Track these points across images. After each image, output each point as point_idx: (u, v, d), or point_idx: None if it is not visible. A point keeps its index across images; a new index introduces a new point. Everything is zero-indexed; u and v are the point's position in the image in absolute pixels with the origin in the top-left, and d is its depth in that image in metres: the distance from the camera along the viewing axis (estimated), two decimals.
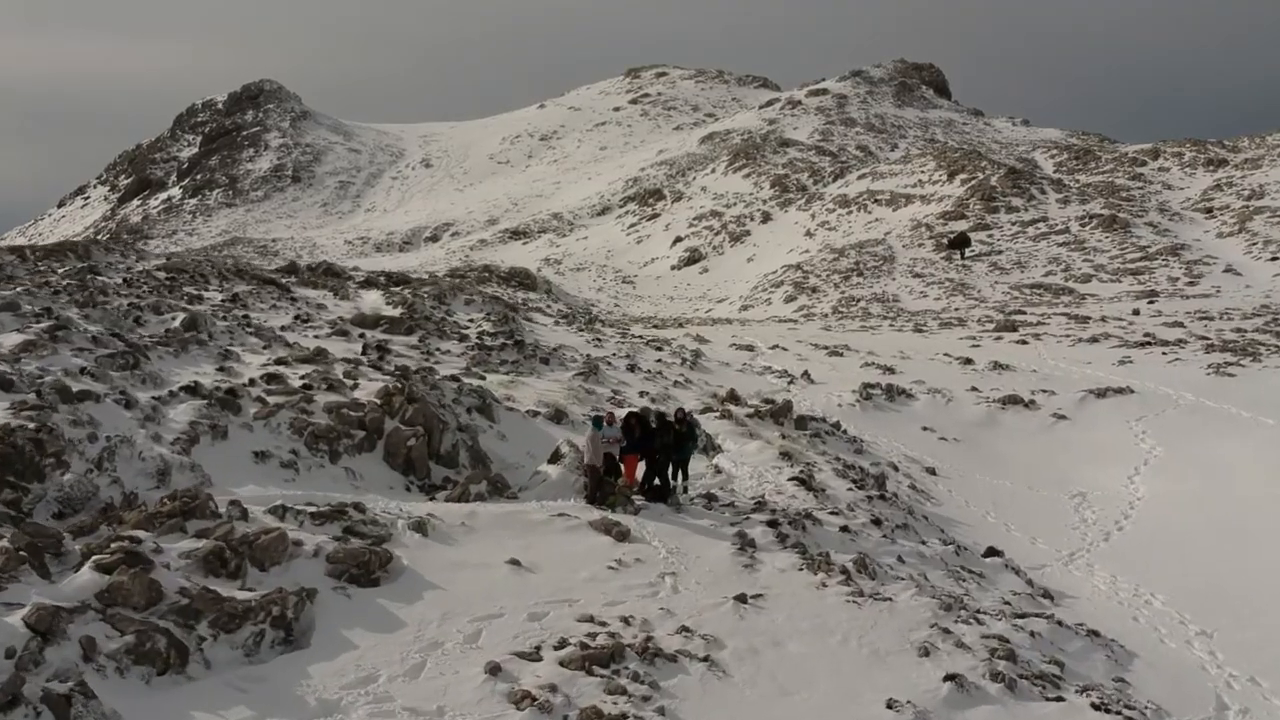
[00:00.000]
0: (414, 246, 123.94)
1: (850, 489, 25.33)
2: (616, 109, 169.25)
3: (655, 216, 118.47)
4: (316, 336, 30.69)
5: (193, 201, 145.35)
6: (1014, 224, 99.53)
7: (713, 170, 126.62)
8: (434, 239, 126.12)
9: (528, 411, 26.56)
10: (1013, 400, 38.53)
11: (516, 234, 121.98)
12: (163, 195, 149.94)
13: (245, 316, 31.10)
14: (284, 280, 38.40)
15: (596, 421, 20.85)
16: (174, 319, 26.80)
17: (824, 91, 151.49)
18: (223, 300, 32.96)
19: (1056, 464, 33.90)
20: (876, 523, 22.59)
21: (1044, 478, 32.57)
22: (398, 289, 41.07)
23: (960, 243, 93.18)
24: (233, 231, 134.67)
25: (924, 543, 22.74)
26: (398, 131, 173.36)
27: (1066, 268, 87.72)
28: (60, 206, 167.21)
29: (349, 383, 22.47)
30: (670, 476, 22.09)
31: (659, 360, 40.46)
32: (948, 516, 27.41)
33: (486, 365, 31.31)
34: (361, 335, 31.79)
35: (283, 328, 31.13)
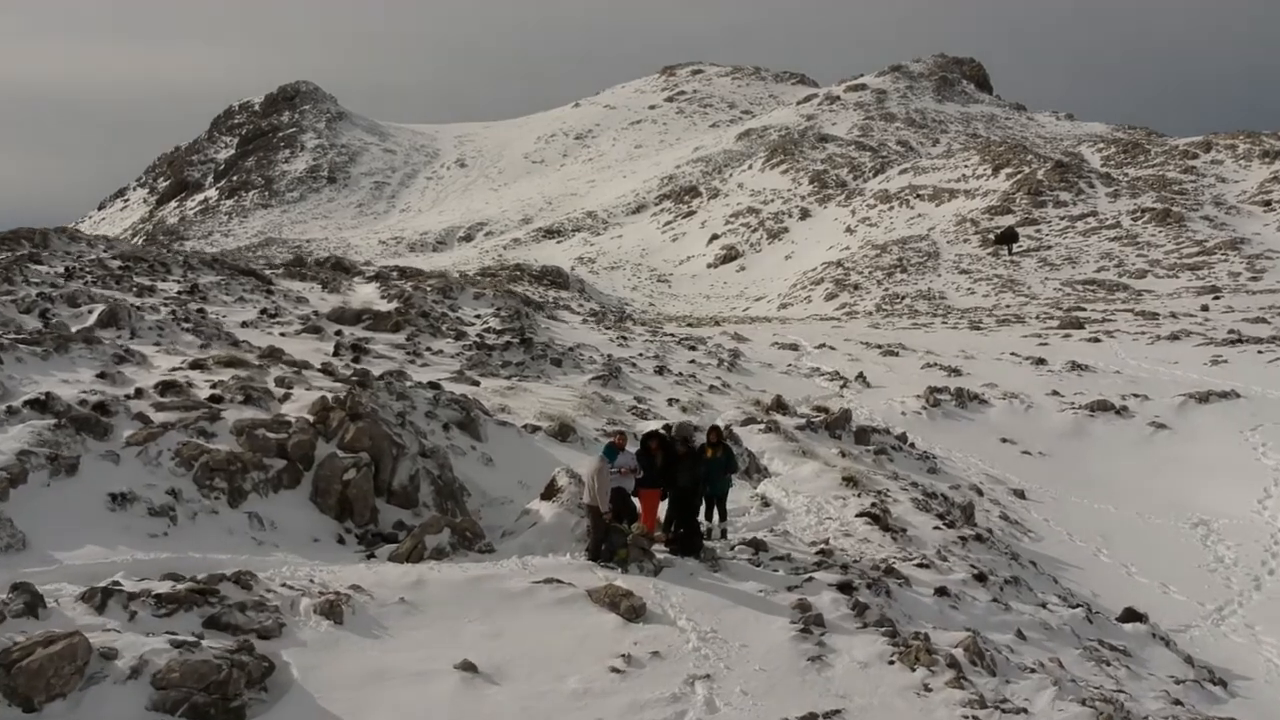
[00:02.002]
0: (447, 246, 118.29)
1: (937, 526, 19.07)
2: (652, 107, 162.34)
3: (691, 214, 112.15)
4: (283, 334, 24.90)
5: (229, 203, 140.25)
6: (1063, 219, 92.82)
7: (750, 167, 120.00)
8: (468, 238, 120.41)
9: (525, 426, 20.50)
10: (1102, 406, 32.05)
11: (550, 233, 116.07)
12: (199, 197, 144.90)
13: (199, 310, 25.34)
14: (265, 272, 32.59)
15: (608, 450, 14.78)
16: (91, 312, 20.99)
17: (863, 87, 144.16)
18: (179, 292, 27.21)
19: (1164, 483, 27.52)
20: (980, 578, 16.33)
21: (1153, 501, 26.21)
22: (399, 282, 35.14)
23: (1008, 238, 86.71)
24: (268, 232, 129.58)
25: (1044, 605, 16.45)
26: (432, 132, 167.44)
27: (1120, 263, 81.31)
28: (100, 209, 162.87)
29: (279, 392, 16.46)
30: (704, 516, 16.00)
31: (692, 361, 34.27)
32: (1053, 557, 21.11)
33: (484, 368, 25.39)
34: (338, 333, 25.97)
35: (244, 324, 25.36)
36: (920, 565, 16.31)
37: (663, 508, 15.64)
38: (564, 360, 28.69)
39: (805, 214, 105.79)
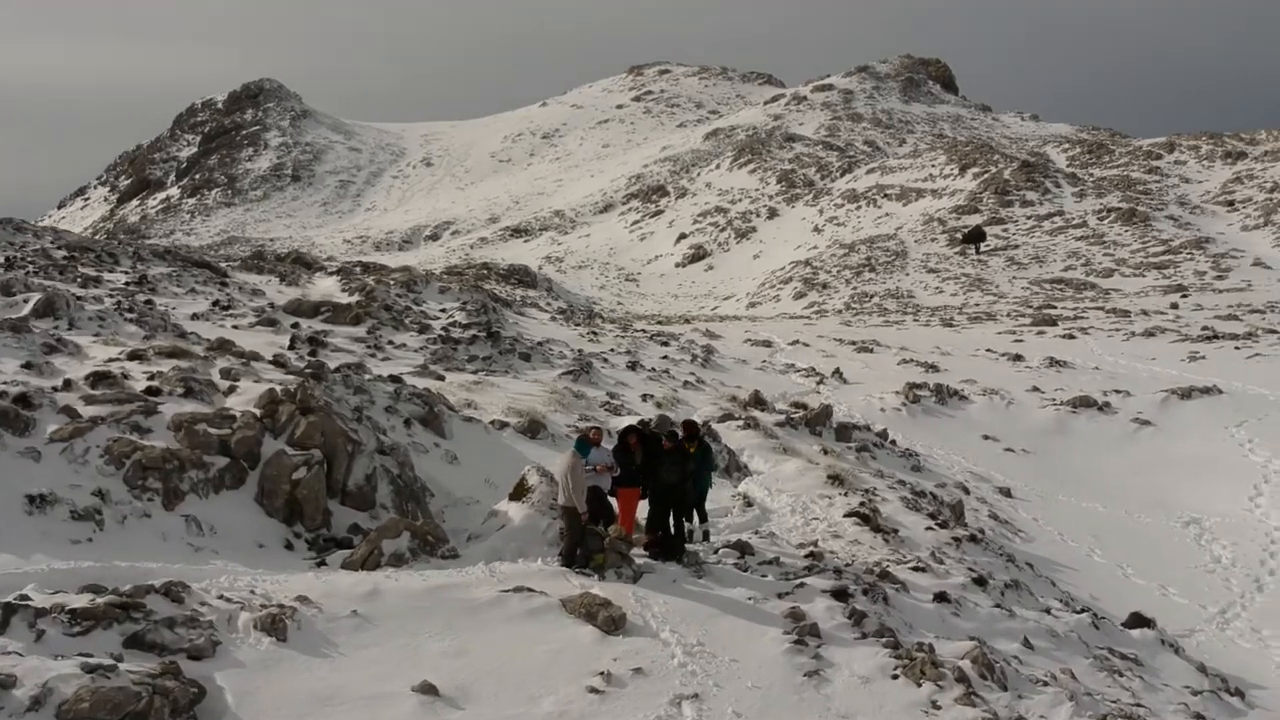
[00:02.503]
0: (414, 245, 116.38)
1: (929, 527, 17.91)
2: (619, 106, 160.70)
3: (659, 213, 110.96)
4: (235, 327, 23.40)
5: (191, 201, 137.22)
6: (1029, 218, 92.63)
7: (717, 166, 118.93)
8: (434, 237, 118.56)
9: (492, 423, 19.13)
10: (1085, 403, 31.12)
11: (518, 232, 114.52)
12: (161, 195, 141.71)
13: (147, 302, 23.79)
14: (221, 265, 30.99)
15: (580, 444, 13.46)
16: (27, 301, 19.44)
17: (829, 87, 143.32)
18: (126, 283, 25.62)
19: (1151, 480, 26.63)
20: (980, 582, 15.17)
21: (1141, 499, 25.28)
22: (362, 276, 33.63)
23: (975, 237, 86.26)
24: (231, 231, 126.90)
25: (1048, 610, 15.32)
26: (398, 130, 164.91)
27: (1087, 262, 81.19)
28: (60, 208, 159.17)
29: (224, 385, 15.02)
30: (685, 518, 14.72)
31: (665, 357, 33.02)
32: (1047, 558, 20.04)
33: (449, 362, 24.00)
34: (295, 325, 24.50)
35: (194, 316, 23.85)
36: (916, 569, 15.13)
37: (642, 508, 14.36)
38: (533, 355, 27.34)
39: (773, 213, 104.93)
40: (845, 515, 17.22)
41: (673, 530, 13.81)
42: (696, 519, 15.10)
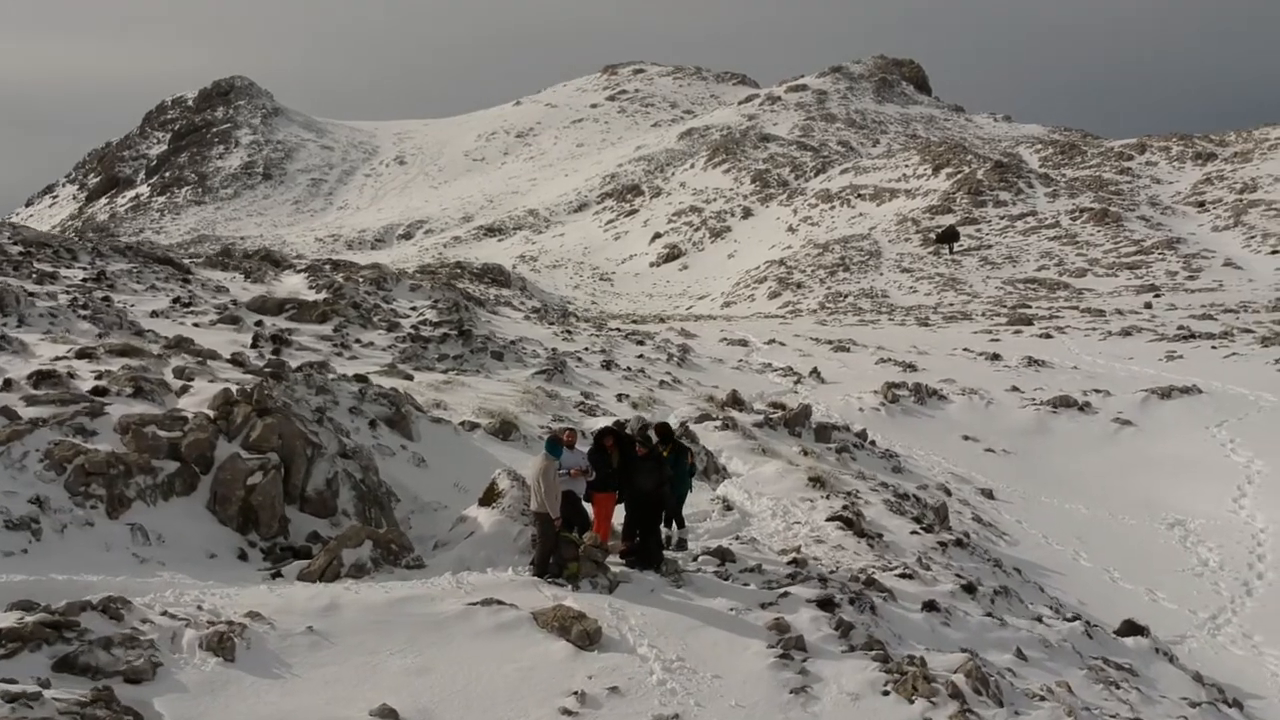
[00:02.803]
0: (386, 244, 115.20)
1: (914, 531, 17.27)
2: (594, 106, 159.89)
3: (633, 213, 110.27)
4: (196, 325, 22.49)
5: (161, 200, 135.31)
6: (1002, 218, 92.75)
7: (692, 166, 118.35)
8: (407, 236, 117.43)
9: (462, 424, 18.34)
10: (1065, 402, 30.65)
11: (491, 231, 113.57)
12: (130, 193, 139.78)
13: (105, 299, 22.84)
14: (185, 261, 30.00)
15: (552, 445, 12.70)
16: None
17: (804, 88, 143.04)
18: (84, 280, 24.64)
19: (1134, 481, 26.16)
20: (969, 589, 14.53)
21: (1124, 500, 24.79)
22: (330, 273, 32.72)
23: (948, 237, 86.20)
24: (201, 230, 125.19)
25: (1039, 619, 14.70)
26: (371, 129, 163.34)
27: (1060, 262, 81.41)
28: (28, 206, 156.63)
29: (177, 385, 14.17)
30: (663, 523, 14.00)
31: (640, 356, 32.29)
32: (1032, 562, 19.47)
33: (419, 361, 23.20)
34: (259, 323, 23.60)
35: (153, 313, 22.93)
36: (903, 575, 14.47)
37: (618, 514, 13.63)
38: (505, 354, 26.55)
39: (748, 213, 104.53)
40: (828, 519, 16.55)
41: (650, 537, 13.09)
42: (674, 525, 14.40)
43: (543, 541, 12.29)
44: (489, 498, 13.79)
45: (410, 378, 21.07)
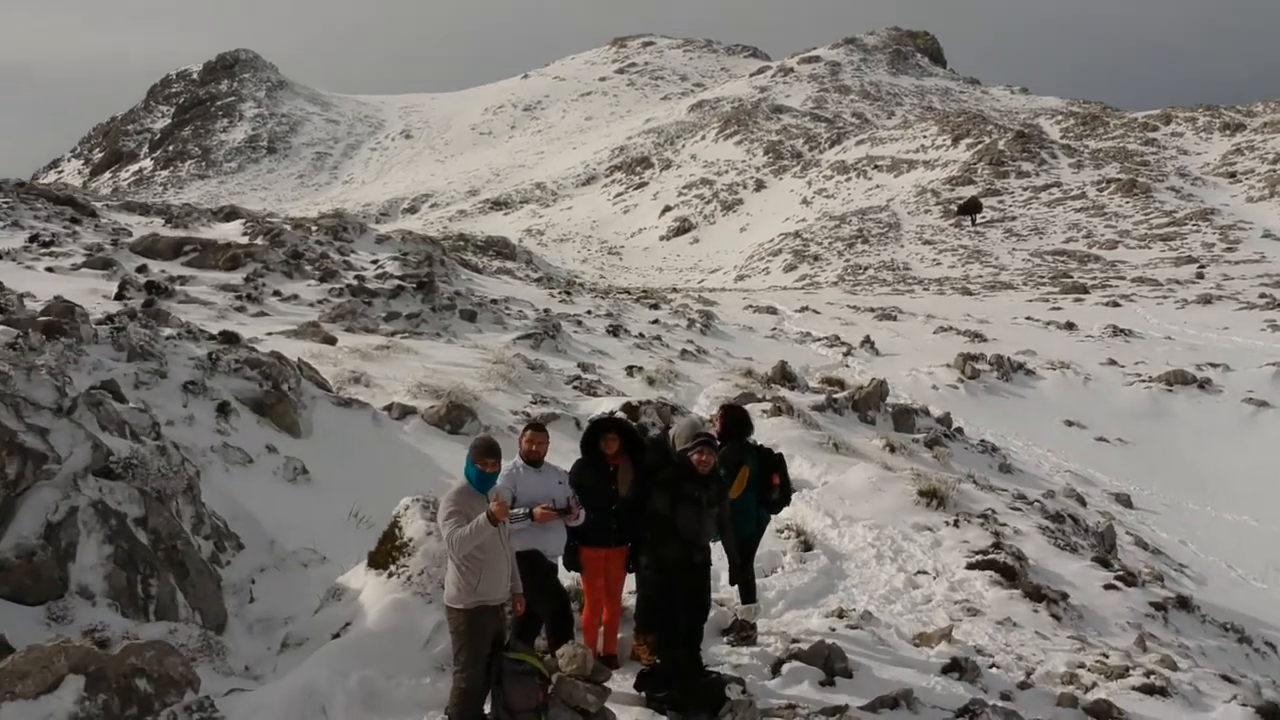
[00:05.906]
0: (390, 218, 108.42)
1: (1110, 585, 10.29)
2: (602, 79, 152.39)
3: (643, 186, 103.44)
4: (50, 269, 15.74)
5: (164, 173, 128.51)
6: (1026, 189, 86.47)
7: (703, 138, 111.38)
8: (412, 210, 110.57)
9: (389, 409, 11.57)
10: (1180, 379, 23.94)
11: (497, 204, 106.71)
12: (134, 167, 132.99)
13: None
14: (93, 204, 23.12)
15: (475, 474, 5.71)
16: None
17: (816, 59, 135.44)
18: None
19: None
20: (1269, 716, 7.54)
21: None
22: (280, 223, 25.74)
23: (971, 208, 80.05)
24: (204, 204, 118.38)
25: None
26: (377, 102, 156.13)
27: (1089, 234, 75.52)
28: (34, 180, 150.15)
29: None
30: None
31: (655, 322, 25.54)
32: (1250, 615, 12.48)
33: (355, 319, 16.61)
34: (141, 269, 16.80)
35: None
36: (1144, 690, 7.54)
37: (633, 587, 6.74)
38: (480, 314, 19.86)
39: (760, 185, 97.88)
40: (971, 566, 9.66)
41: (695, 649, 6.17)
42: (738, 596, 7.49)
43: (468, 665, 5.38)
44: (385, 552, 6.96)
45: (332, 340, 14.47)
